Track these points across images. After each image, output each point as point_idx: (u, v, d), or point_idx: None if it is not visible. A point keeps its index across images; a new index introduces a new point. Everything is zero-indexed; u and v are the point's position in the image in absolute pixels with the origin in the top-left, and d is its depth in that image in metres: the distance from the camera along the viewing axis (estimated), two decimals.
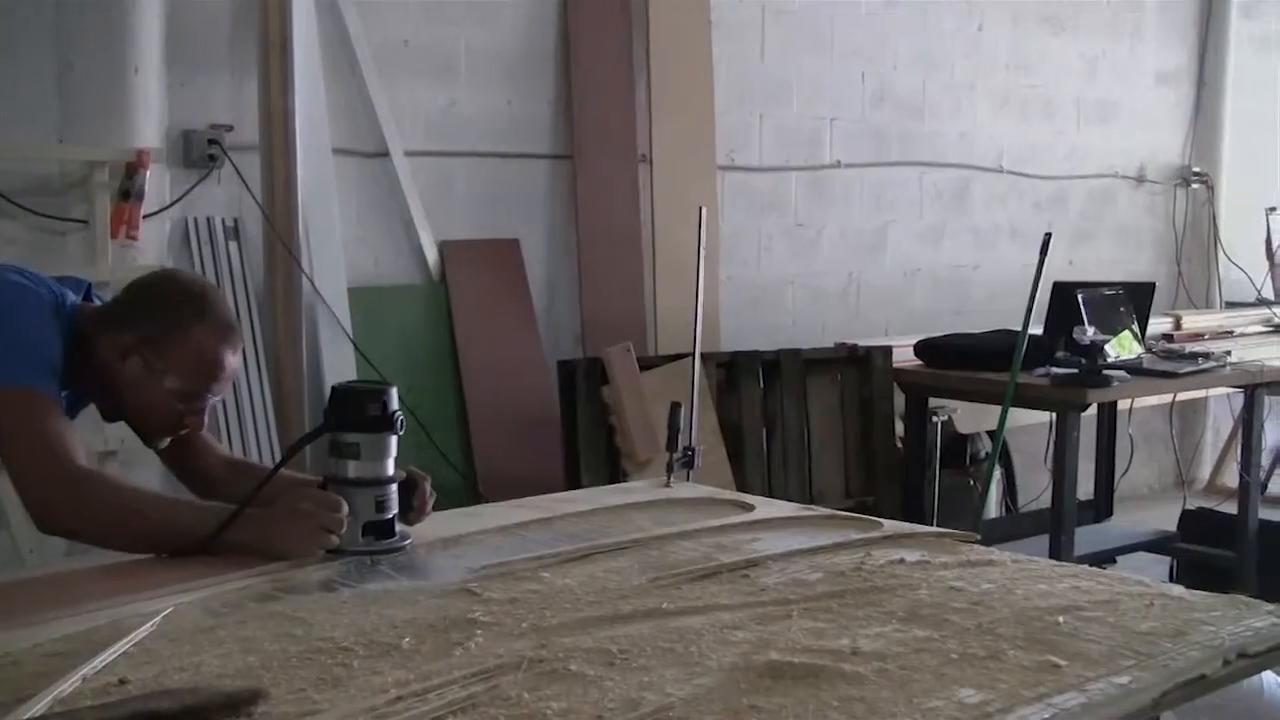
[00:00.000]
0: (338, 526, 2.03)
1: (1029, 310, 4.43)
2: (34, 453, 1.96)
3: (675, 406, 2.54)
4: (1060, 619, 1.76)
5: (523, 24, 4.78)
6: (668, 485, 2.59)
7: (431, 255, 4.55)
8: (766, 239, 5.58)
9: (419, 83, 4.55)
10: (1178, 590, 1.94)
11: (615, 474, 4.33)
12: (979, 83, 6.28)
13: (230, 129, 4.08)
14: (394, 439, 2.12)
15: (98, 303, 2.24)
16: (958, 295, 6.25)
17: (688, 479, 2.64)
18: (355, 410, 2.09)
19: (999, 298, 6.19)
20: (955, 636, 1.69)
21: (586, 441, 4.37)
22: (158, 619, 1.71)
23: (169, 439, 2.22)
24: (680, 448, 2.56)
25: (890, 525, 2.31)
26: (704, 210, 2.88)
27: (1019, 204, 6.51)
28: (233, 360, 2.16)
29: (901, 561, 2.07)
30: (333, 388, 2.14)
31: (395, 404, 2.11)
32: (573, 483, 4.26)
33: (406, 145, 4.50)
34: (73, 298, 2.17)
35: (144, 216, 3.77)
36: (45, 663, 1.55)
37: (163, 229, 3.95)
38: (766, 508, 2.46)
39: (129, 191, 3.72)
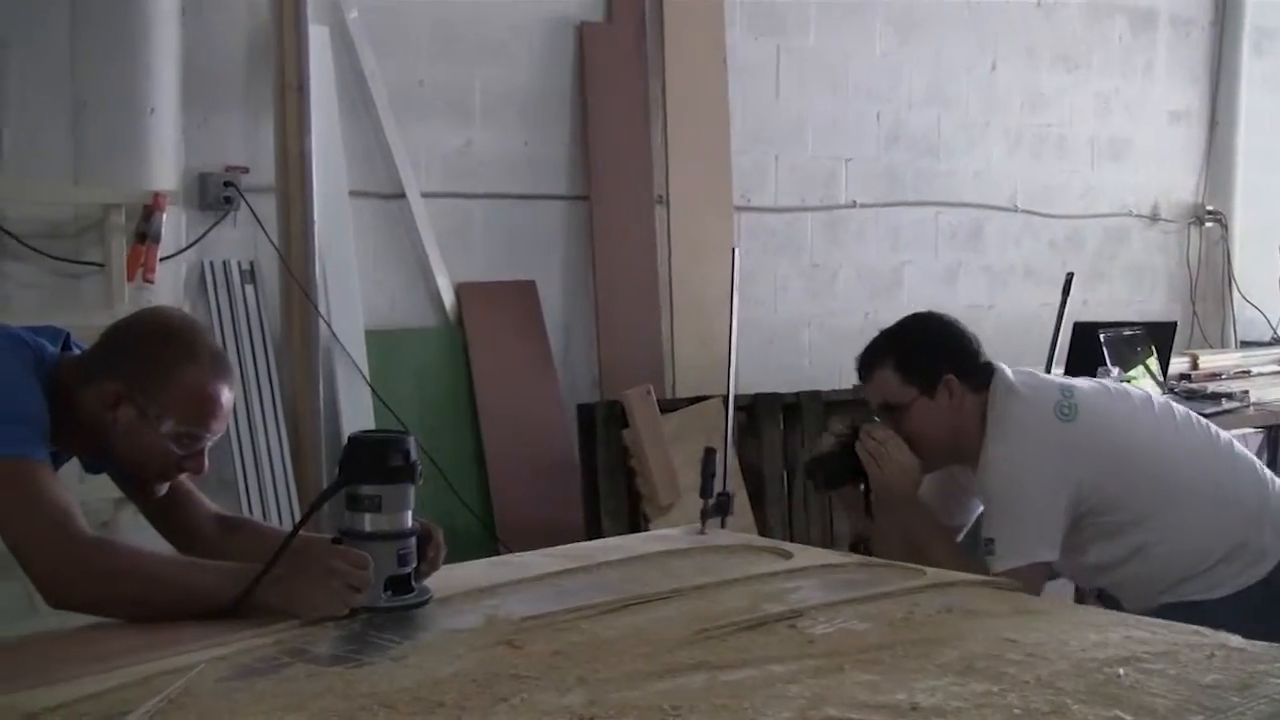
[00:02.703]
0: (365, 585, 1.94)
1: (1052, 351, 4.39)
2: (39, 527, 1.88)
3: (710, 452, 2.49)
4: (1121, 671, 1.70)
5: (538, 64, 4.75)
6: (702, 532, 2.54)
7: (448, 298, 4.50)
8: (783, 280, 5.54)
9: (435, 123, 4.52)
10: (1236, 640, 1.88)
11: (636, 519, 4.27)
12: (993, 121, 6.26)
13: (246, 171, 4.05)
14: (413, 489, 2.04)
15: (77, 352, 2.14)
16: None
17: (722, 525, 2.58)
18: (376, 461, 2.00)
19: (1014, 338, 6.10)
20: (1015, 690, 1.63)
21: (607, 486, 4.32)
22: (190, 674, 1.65)
23: (166, 487, 2.13)
24: (715, 493, 2.51)
25: (933, 573, 2.26)
26: (736, 252, 2.85)
27: (1034, 243, 6.47)
28: (228, 396, 2.08)
29: (949, 611, 2.01)
30: (349, 438, 2.06)
31: (415, 453, 2.04)
32: (593, 528, 4.21)
33: (423, 187, 4.47)
34: (51, 350, 2.07)
35: (160, 259, 3.74)
36: None
37: (179, 272, 3.91)
38: (804, 555, 2.40)
39: (145, 234, 3.69)
